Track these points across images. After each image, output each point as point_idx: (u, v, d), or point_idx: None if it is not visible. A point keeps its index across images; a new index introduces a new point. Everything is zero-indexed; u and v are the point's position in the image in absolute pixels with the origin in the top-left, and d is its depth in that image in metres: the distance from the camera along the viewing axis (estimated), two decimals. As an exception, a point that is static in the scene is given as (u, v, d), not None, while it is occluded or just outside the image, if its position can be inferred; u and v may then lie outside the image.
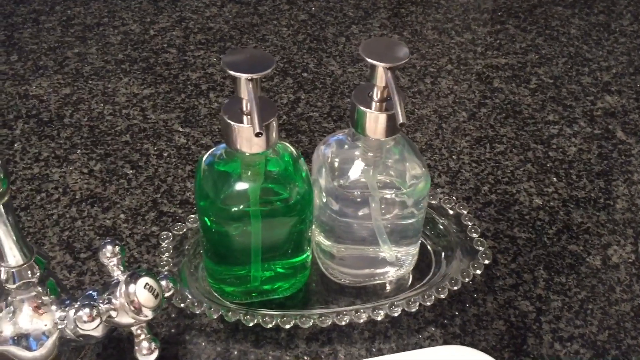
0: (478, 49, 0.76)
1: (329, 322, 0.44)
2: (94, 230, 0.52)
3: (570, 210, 0.56)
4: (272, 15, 0.80)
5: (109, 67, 0.70)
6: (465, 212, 0.52)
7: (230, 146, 0.40)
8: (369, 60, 0.38)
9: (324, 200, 0.45)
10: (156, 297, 0.38)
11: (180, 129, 0.63)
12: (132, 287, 0.38)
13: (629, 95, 0.70)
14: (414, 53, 0.75)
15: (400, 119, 0.36)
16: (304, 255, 0.46)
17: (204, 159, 0.43)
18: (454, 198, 0.53)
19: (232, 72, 0.37)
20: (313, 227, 0.47)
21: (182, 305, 0.44)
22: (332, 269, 0.48)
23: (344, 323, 0.45)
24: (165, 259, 0.47)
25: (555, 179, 0.59)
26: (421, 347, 0.45)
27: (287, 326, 0.44)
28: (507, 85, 0.71)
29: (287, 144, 0.44)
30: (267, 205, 0.43)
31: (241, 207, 0.42)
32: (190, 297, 0.45)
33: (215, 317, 0.44)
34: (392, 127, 0.41)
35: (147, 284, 0.38)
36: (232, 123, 0.39)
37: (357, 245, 0.47)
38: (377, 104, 0.40)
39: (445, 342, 0.45)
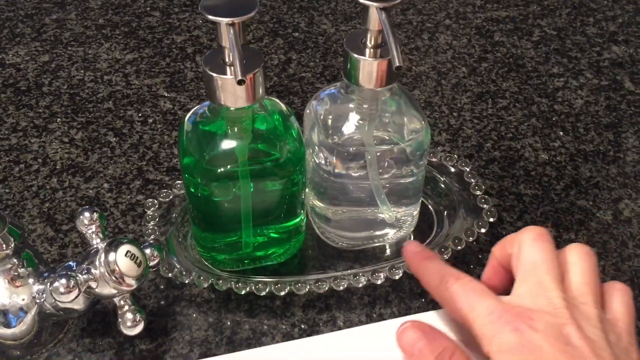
0: (477, 2, 0.72)
1: (326, 288, 0.42)
2: (76, 201, 0.49)
3: (578, 164, 0.53)
4: (259, -25, 0.76)
5: (89, 33, 0.67)
6: (467, 170, 0.49)
7: (213, 101, 0.37)
8: (361, 0, 0.35)
9: (317, 160, 0.42)
10: (139, 265, 0.36)
11: (166, 94, 0.60)
12: (112, 256, 0.35)
13: (637, 45, 0.66)
14: (410, 9, 0.71)
15: (397, 62, 0.33)
16: (298, 219, 0.44)
17: (187, 118, 0.41)
18: (455, 156, 0.50)
19: (211, 17, 0.34)
20: (307, 189, 0.44)
21: (170, 274, 0.41)
22: (328, 233, 0.45)
23: (341, 288, 0.42)
24: (151, 227, 0.44)
25: (561, 133, 0.56)
26: (425, 310, 0.42)
27: (282, 293, 0.41)
28: (508, 38, 0.67)
29: (277, 100, 0.41)
30: (256, 166, 0.40)
31: (228, 167, 0.39)
32: (178, 266, 0.42)
33: (206, 286, 0.42)
34: (388, 76, 0.38)
35: (128, 251, 0.36)
36: (213, 75, 0.36)
37: (354, 207, 0.44)
38: (371, 50, 0.37)
39: (450, 305, 0.43)
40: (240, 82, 0.33)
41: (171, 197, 0.46)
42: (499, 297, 0.33)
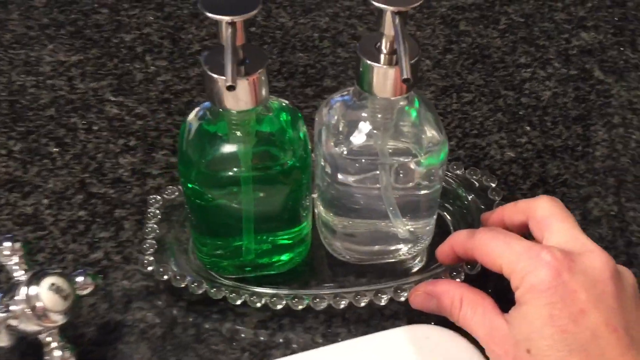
0: (441, -11, 0.69)
1: (324, 305, 0.40)
2: (12, 219, 0.46)
3: (546, 161, 0.51)
4: (214, -35, 0.72)
5: (32, 34, 0.63)
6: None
7: (213, 103, 0.34)
8: (375, 3, 0.32)
9: (326, 170, 0.39)
10: (65, 298, 0.33)
11: (113, 98, 0.56)
12: (33, 290, 0.32)
13: (606, 30, 0.64)
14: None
15: (404, 73, 0.31)
16: (303, 226, 0.41)
17: (188, 119, 0.38)
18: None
19: (210, 14, 0.31)
20: (314, 198, 0.42)
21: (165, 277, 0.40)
22: (335, 246, 0.42)
23: (342, 306, 0.40)
24: (151, 226, 0.43)
25: (528, 128, 0.54)
26: (428, 321, 0.40)
27: (279, 307, 0.40)
28: (474, 27, 0.64)
29: (284, 101, 0.38)
30: (260, 171, 0.37)
31: (230, 172, 0.36)
32: (175, 269, 0.41)
33: (199, 293, 0.40)
34: (404, 84, 0.35)
35: (53, 284, 0.33)
36: (213, 75, 0.33)
37: (365, 219, 0.41)
38: (386, 56, 0.34)
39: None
40: (229, 88, 0.30)
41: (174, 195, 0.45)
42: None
